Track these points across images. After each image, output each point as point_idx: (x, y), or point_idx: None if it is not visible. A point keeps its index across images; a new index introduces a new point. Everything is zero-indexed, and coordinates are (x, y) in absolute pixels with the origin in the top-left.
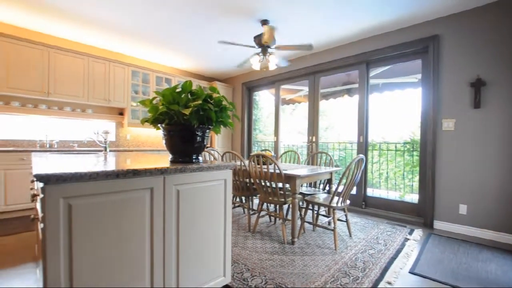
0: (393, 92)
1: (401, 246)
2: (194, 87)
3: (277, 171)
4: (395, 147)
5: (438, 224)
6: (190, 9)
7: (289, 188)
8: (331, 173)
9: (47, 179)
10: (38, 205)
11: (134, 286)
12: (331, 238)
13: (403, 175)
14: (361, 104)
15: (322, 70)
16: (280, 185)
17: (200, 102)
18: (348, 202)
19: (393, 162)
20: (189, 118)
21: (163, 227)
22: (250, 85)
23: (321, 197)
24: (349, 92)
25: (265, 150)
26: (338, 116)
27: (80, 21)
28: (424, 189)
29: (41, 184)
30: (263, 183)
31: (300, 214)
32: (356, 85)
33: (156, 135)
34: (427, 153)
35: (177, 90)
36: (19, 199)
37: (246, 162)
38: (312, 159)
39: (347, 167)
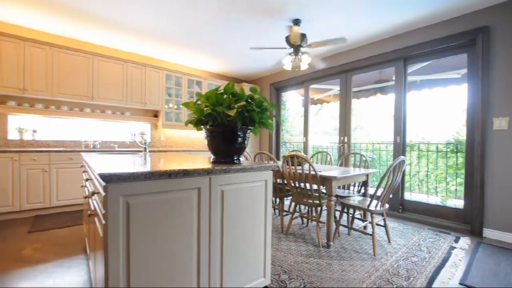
0: (432, 89)
1: (447, 254)
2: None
3: (312, 172)
4: (436, 148)
5: (488, 232)
6: (223, 12)
7: (324, 190)
8: (367, 175)
9: (109, 179)
10: (93, 202)
11: (183, 281)
12: (368, 243)
13: (445, 178)
14: (397, 103)
15: (355, 68)
16: (314, 186)
17: (243, 103)
18: (387, 206)
19: (433, 163)
20: (233, 119)
21: (208, 227)
22: (278, 86)
23: (356, 199)
24: (382, 90)
25: (294, 151)
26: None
27: (119, 29)
28: (471, 194)
29: (103, 183)
30: (297, 185)
31: (335, 217)
32: (390, 83)
33: (187, 136)
34: (475, 154)
35: (219, 92)
36: (68, 195)
37: (279, 163)
38: (345, 160)
39: (387, 169)
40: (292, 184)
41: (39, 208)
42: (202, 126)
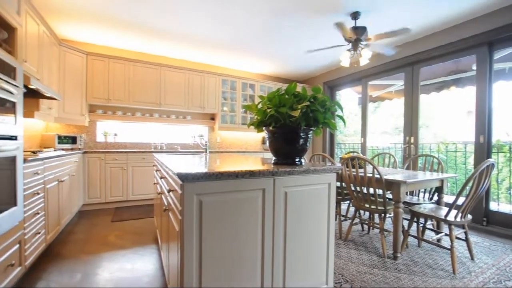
0: None
1: None
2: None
3: (377, 175)
4: None
5: None
6: (279, 15)
7: (389, 196)
8: (442, 180)
9: (185, 178)
10: (167, 198)
11: (247, 277)
12: (444, 258)
13: None
14: (480, 96)
15: (422, 60)
16: (377, 191)
17: (307, 103)
18: (469, 217)
19: None
20: (296, 119)
21: (272, 227)
22: (332, 84)
23: (428, 207)
24: (457, 82)
25: (351, 152)
26: (436, 113)
27: (184, 40)
28: None
29: (180, 182)
30: (358, 189)
31: (402, 226)
32: (469, 74)
33: (241, 138)
34: None
35: (281, 93)
36: (141, 190)
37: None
38: (412, 163)
39: (472, 174)
40: (352, 188)
41: (119, 200)
42: (264, 128)
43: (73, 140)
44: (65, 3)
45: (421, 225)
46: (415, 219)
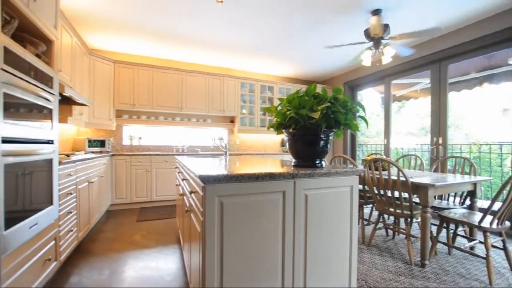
0: None
1: None
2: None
3: (402, 178)
4: None
5: None
6: (300, 16)
7: (415, 200)
8: (475, 184)
9: (207, 180)
10: (189, 200)
11: (267, 277)
12: (478, 267)
13: None
14: None
15: (450, 56)
16: (403, 195)
17: (328, 104)
18: (507, 224)
19: None
20: (316, 121)
21: (293, 230)
22: (353, 84)
23: (459, 213)
24: (490, 79)
25: (374, 154)
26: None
27: (205, 46)
28: None
29: (201, 184)
30: (381, 192)
31: (431, 232)
32: (504, 68)
33: (260, 140)
34: None
35: (301, 94)
36: (164, 192)
37: (360, 167)
38: (440, 165)
39: (510, 177)
40: (375, 191)
41: (143, 201)
42: (283, 130)
43: (101, 143)
44: (95, 15)
45: (452, 231)
46: (444, 225)
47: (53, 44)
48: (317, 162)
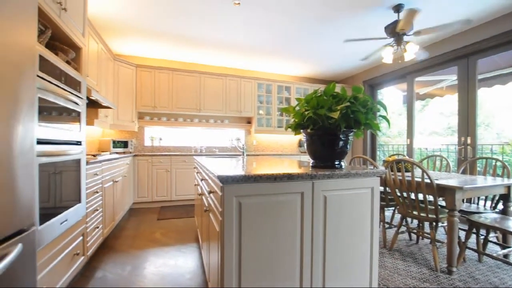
0: None
1: None
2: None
3: (427, 180)
4: None
5: None
6: (317, 14)
7: (441, 203)
8: (509, 187)
9: (225, 180)
10: (207, 199)
11: (285, 277)
12: None
13: None
14: None
15: (479, 50)
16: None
17: (347, 104)
18: None
19: None
20: (335, 121)
21: (311, 232)
22: (373, 83)
23: (491, 217)
24: None
25: (396, 154)
26: (500, 109)
27: (223, 47)
28: None
29: (220, 184)
30: (405, 194)
31: (459, 237)
32: None
33: (276, 141)
34: None
35: (319, 94)
36: (183, 191)
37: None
38: (469, 166)
39: None
40: (398, 194)
41: (163, 200)
42: (301, 130)
43: (125, 144)
44: (119, 22)
45: (482, 237)
46: (474, 230)
47: (81, 51)
48: (336, 163)
